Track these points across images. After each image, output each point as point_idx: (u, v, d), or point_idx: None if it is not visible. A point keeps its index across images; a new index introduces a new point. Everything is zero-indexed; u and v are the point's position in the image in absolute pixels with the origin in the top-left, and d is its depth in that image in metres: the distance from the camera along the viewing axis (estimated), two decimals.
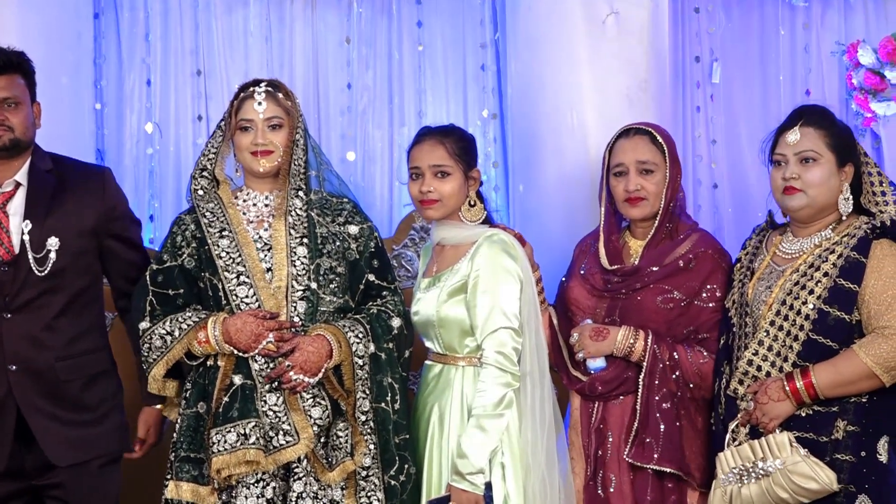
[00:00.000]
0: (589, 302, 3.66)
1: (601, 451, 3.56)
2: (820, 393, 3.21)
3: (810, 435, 3.23)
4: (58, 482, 3.53)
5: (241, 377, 3.37)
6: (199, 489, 3.36)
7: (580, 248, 3.82)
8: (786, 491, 3.18)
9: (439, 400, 3.51)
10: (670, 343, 3.52)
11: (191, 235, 3.52)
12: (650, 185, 3.58)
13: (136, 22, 4.87)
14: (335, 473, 3.35)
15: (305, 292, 3.42)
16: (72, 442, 3.51)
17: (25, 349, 3.47)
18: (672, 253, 3.59)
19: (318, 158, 3.58)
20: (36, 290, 3.47)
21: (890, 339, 3.16)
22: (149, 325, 3.45)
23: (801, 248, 3.37)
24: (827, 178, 3.31)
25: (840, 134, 3.35)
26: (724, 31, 5.03)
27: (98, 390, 3.58)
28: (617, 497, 3.51)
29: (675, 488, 3.51)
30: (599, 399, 3.59)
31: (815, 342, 3.26)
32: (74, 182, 3.58)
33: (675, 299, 3.55)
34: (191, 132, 4.91)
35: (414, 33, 4.97)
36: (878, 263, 3.23)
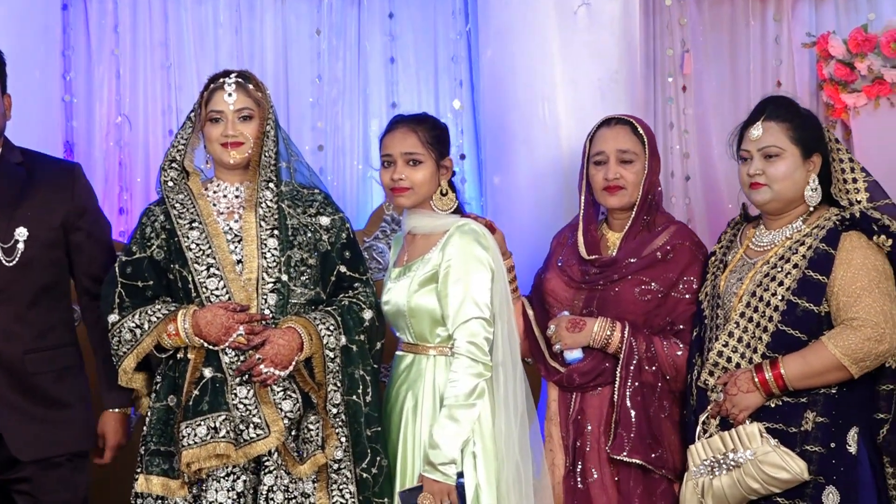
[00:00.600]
0: (566, 294, 3.66)
1: (580, 443, 3.56)
2: (789, 384, 3.22)
3: (780, 426, 3.24)
4: (24, 476, 3.51)
5: (212, 370, 3.36)
6: (170, 483, 3.34)
7: (557, 241, 3.82)
8: (757, 481, 3.19)
9: (412, 390, 3.51)
10: (647, 335, 3.52)
11: (160, 227, 3.50)
12: (629, 174, 3.58)
13: (104, 13, 4.86)
14: (306, 466, 3.34)
15: (276, 284, 3.40)
16: (37, 437, 3.49)
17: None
18: (650, 245, 3.60)
19: (289, 150, 3.56)
20: (4, 280, 3.45)
21: (858, 330, 3.17)
22: (118, 318, 3.43)
23: (773, 241, 3.38)
24: (791, 172, 3.32)
25: (804, 126, 3.35)
26: (696, 22, 5.03)
27: (66, 385, 3.56)
28: (597, 488, 3.52)
29: (660, 480, 3.52)
30: (577, 390, 3.59)
31: (785, 333, 3.27)
32: (44, 176, 3.56)
33: (653, 291, 3.55)
34: (161, 124, 4.91)
35: (385, 24, 4.98)
36: (847, 255, 3.23)
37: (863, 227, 3.26)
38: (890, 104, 4.72)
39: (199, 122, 3.52)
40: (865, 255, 3.23)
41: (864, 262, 3.22)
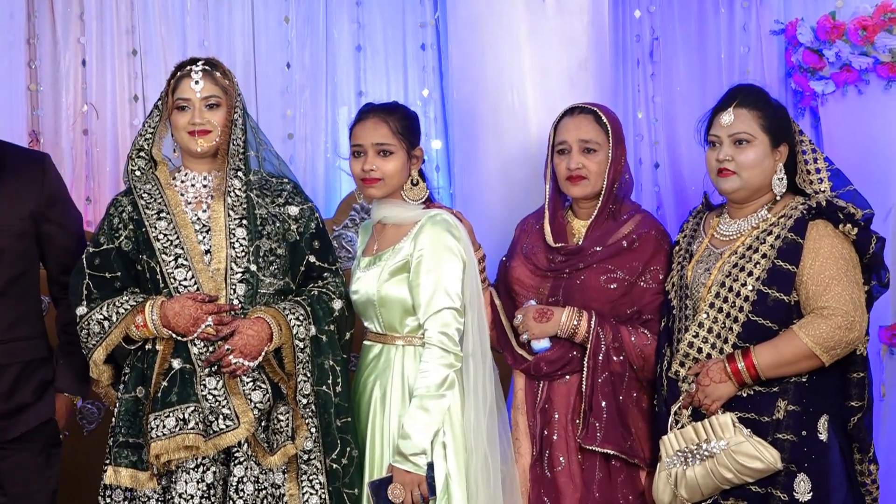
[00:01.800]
0: (532, 282, 3.66)
1: (547, 431, 3.57)
2: (761, 373, 3.24)
3: (752, 415, 3.27)
4: None
5: (180, 361, 3.35)
6: (139, 475, 3.34)
7: (521, 228, 3.82)
8: (730, 471, 3.21)
9: (380, 380, 3.51)
10: (614, 324, 3.53)
11: (128, 217, 3.48)
12: (592, 164, 3.58)
13: (70, 1, 4.81)
14: (276, 457, 3.34)
15: (245, 275, 3.39)
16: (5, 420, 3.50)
17: None
18: (615, 233, 3.61)
19: (257, 138, 3.55)
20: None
21: (829, 319, 3.19)
22: (86, 311, 3.41)
23: (739, 230, 3.40)
24: (761, 160, 3.34)
25: (774, 115, 3.37)
26: (665, 10, 5.04)
27: (33, 377, 3.57)
28: (564, 476, 3.53)
29: (622, 468, 3.53)
30: (545, 379, 3.60)
31: (755, 323, 3.29)
32: (13, 166, 3.55)
33: (619, 279, 3.56)
34: (128, 112, 4.87)
35: (353, 12, 4.97)
36: (815, 244, 3.25)
37: (829, 216, 3.28)
38: (858, 92, 4.73)
39: (167, 110, 3.50)
40: (832, 243, 3.26)
41: (831, 251, 3.25)
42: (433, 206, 3.60)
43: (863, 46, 4.64)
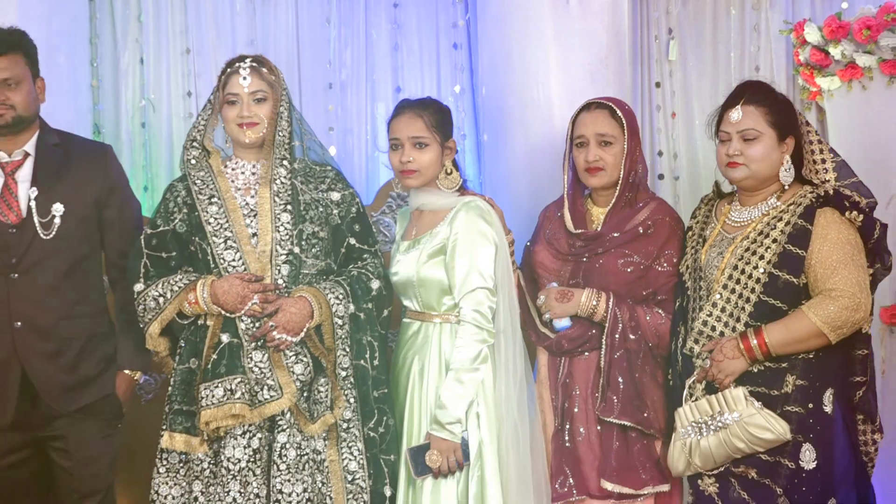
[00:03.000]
0: (554, 265, 3.64)
1: (568, 405, 3.55)
2: (772, 350, 3.22)
3: (763, 389, 3.25)
4: (59, 434, 3.55)
5: (229, 336, 3.36)
6: (191, 440, 3.36)
7: (544, 215, 3.80)
8: (742, 441, 3.20)
9: (418, 355, 3.51)
10: (630, 304, 3.51)
11: (182, 202, 3.50)
12: (608, 156, 3.56)
13: (128, 4, 4.84)
14: (317, 426, 3.35)
15: (289, 256, 3.39)
16: (70, 391, 3.53)
17: (31, 308, 3.48)
18: (632, 220, 3.58)
19: (302, 129, 3.55)
20: (41, 252, 3.47)
21: (836, 300, 3.17)
22: (143, 287, 3.43)
23: (750, 217, 3.38)
24: (768, 153, 3.31)
25: (780, 110, 3.34)
26: (680, 11, 5.01)
27: (96, 351, 3.59)
28: (584, 447, 3.51)
29: (639, 438, 3.51)
30: (566, 355, 3.58)
31: (766, 303, 3.27)
32: (79, 156, 3.58)
33: (635, 263, 3.54)
34: (181, 107, 4.88)
35: (390, 13, 4.96)
36: (823, 230, 3.23)
37: (836, 204, 3.27)
38: (862, 87, 4.69)
39: (218, 104, 3.50)
40: (839, 230, 3.23)
41: (838, 236, 3.22)
42: (467, 193, 3.60)
43: (866, 45, 4.60)
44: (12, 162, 3.51)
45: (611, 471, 3.47)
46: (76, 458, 3.55)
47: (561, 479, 3.51)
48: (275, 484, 3.34)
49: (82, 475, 3.56)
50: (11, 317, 3.47)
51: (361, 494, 3.38)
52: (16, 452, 3.57)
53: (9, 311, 3.47)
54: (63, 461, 3.56)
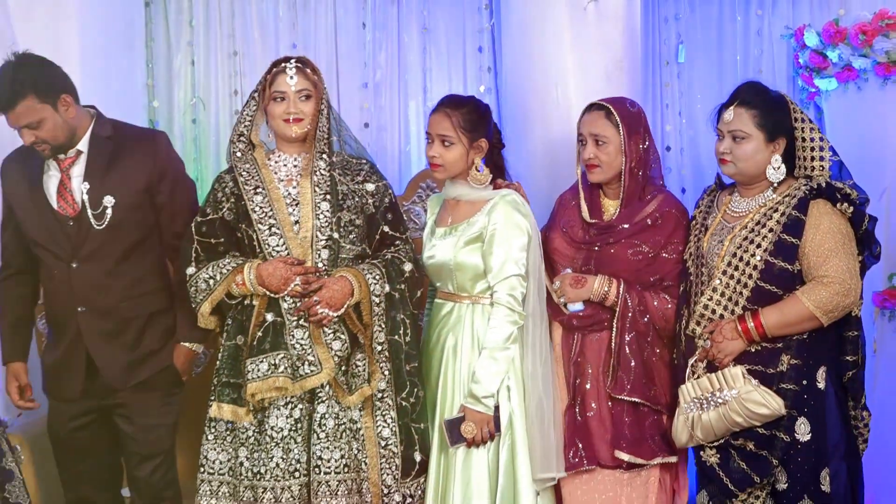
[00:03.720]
0: (568, 251, 3.64)
1: (580, 382, 3.56)
2: (768, 332, 3.22)
3: (759, 367, 3.25)
4: (122, 402, 3.59)
5: (273, 315, 3.37)
6: (238, 410, 3.38)
7: (559, 202, 3.79)
8: (740, 416, 3.21)
9: (452, 332, 3.53)
10: (639, 290, 3.50)
11: (229, 192, 3.50)
12: (603, 154, 3.53)
13: (181, 9, 4.84)
14: (354, 397, 3.37)
15: (328, 241, 3.40)
16: (128, 368, 3.54)
17: (92, 293, 3.50)
18: (641, 212, 3.57)
19: (339, 125, 3.56)
20: (97, 242, 3.48)
21: (828, 286, 3.17)
22: (194, 270, 3.45)
23: (748, 208, 3.37)
24: (753, 154, 3.29)
25: (771, 113, 3.30)
26: (689, 17, 4.99)
27: (157, 326, 3.61)
28: (595, 421, 3.52)
29: (649, 412, 3.52)
30: (577, 331, 3.58)
31: (762, 288, 3.26)
32: (130, 146, 3.56)
33: (643, 252, 3.53)
34: (229, 104, 4.88)
35: (421, 19, 4.94)
36: (816, 221, 3.22)
37: (828, 196, 3.25)
38: (857, 88, 4.66)
39: (263, 101, 3.49)
40: (831, 220, 3.22)
41: (830, 226, 3.21)
42: (501, 183, 3.60)
43: (862, 49, 4.57)
44: (66, 159, 3.50)
45: (624, 442, 3.48)
46: (138, 425, 3.59)
47: (573, 451, 3.52)
48: (314, 451, 3.36)
49: (143, 440, 3.60)
50: (75, 302, 3.50)
51: (394, 459, 3.40)
52: (83, 417, 3.61)
53: (72, 296, 3.49)
54: (126, 427, 3.60)
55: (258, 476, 3.35)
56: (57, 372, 3.58)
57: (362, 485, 3.40)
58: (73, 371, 3.54)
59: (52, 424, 3.66)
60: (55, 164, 3.50)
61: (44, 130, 3.38)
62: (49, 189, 3.50)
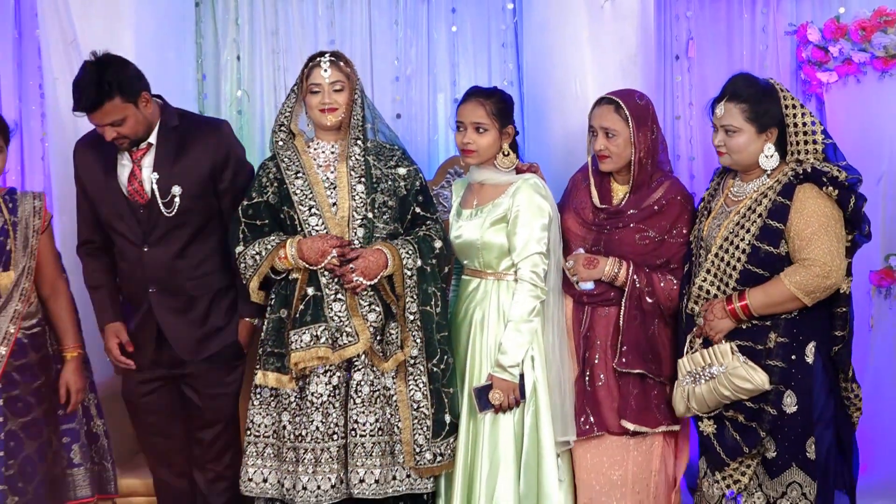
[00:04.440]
0: (580, 232, 3.61)
1: (589, 354, 3.54)
2: (753, 312, 3.19)
3: (749, 343, 3.22)
4: (190, 373, 3.61)
5: (314, 289, 3.39)
6: (282, 377, 3.39)
7: (572, 183, 3.75)
8: (728, 390, 3.19)
9: (479, 306, 3.53)
10: (647, 272, 3.48)
11: (273, 177, 3.51)
12: (612, 146, 3.49)
13: (228, 9, 4.84)
14: (389, 363, 3.39)
15: (363, 221, 3.41)
16: (198, 342, 3.57)
17: (162, 274, 3.52)
18: (648, 198, 3.53)
19: (373, 114, 3.56)
20: (165, 227, 3.50)
21: (809, 268, 3.12)
22: (242, 248, 3.47)
23: (745, 192, 3.31)
24: (746, 146, 3.23)
25: (759, 105, 3.22)
26: (699, 14, 4.94)
27: (222, 303, 3.61)
28: (603, 391, 3.50)
29: (655, 384, 3.51)
30: (587, 304, 3.56)
31: (749, 271, 3.22)
32: (195, 135, 3.56)
33: (650, 237, 3.51)
34: (271, 97, 4.87)
35: (449, 17, 4.92)
36: (801, 205, 3.15)
37: (814, 180, 3.18)
38: (856, 81, 4.63)
39: (301, 93, 3.50)
40: (816, 203, 3.15)
41: (814, 209, 3.14)
42: (522, 167, 3.60)
43: (861, 44, 4.53)
44: (138, 151, 3.51)
45: (630, 412, 3.47)
46: (203, 394, 3.62)
47: (583, 418, 3.51)
48: (351, 415, 3.38)
49: (208, 407, 3.62)
50: (146, 282, 3.52)
51: (425, 420, 3.41)
52: (152, 383, 3.64)
53: (144, 277, 3.52)
54: (192, 395, 3.63)
55: (299, 438, 3.37)
56: (130, 343, 3.60)
57: (395, 447, 3.42)
58: (144, 343, 3.57)
59: (125, 390, 3.69)
60: (127, 154, 3.52)
61: (126, 127, 3.39)
62: (121, 178, 3.52)
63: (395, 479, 3.41)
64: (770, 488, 3.24)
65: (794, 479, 3.20)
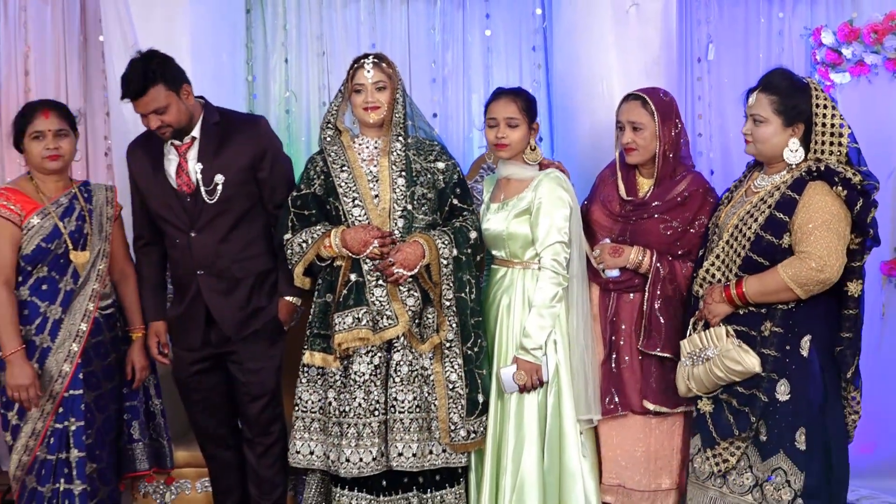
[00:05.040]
0: (606, 223, 3.60)
1: (615, 338, 3.53)
2: (749, 299, 3.13)
3: (744, 328, 3.18)
4: (234, 350, 3.63)
5: (356, 275, 3.39)
6: (327, 357, 3.41)
7: (600, 178, 3.74)
8: (721, 371, 3.15)
9: (506, 293, 3.52)
10: (669, 260, 3.46)
11: (320, 170, 3.52)
12: (639, 139, 3.48)
13: (276, 15, 4.86)
14: (426, 345, 3.39)
15: (403, 212, 3.41)
16: (242, 322, 3.59)
17: (208, 258, 3.54)
18: (672, 191, 3.51)
19: (413, 112, 3.56)
20: (210, 214, 3.52)
21: (805, 261, 3.03)
22: (290, 236, 3.49)
23: (765, 185, 3.23)
24: (770, 137, 3.16)
25: (790, 99, 3.13)
26: (718, 19, 4.92)
27: (264, 284, 3.63)
28: (628, 372, 3.49)
29: (672, 366, 3.47)
30: (613, 291, 3.55)
31: (751, 259, 3.15)
32: (235, 130, 3.59)
33: (673, 227, 3.48)
34: (317, 97, 4.89)
35: (483, 23, 4.92)
36: (808, 200, 3.07)
37: (826, 178, 3.08)
38: (868, 81, 4.59)
39: (347, 93, 3.51)
40: (824, 200, 3.06)
41: (820, 206, 3.05)
42: (546, 163, 3.59)
43: (873, 46, 4.49)
44: (183, 145, 3.54)
45: (652, 393, 3.46)
46: (247, 369, 3.63)
47: (608, 398, 3.50)
48: (391, 393, 3.38)
49: (252, 382, 3.63)
50: (195, 266, 3.54)
51: (459, 400, 3.41)
52: (201, 363, 3.67)
53: (192, 261, 3.54)
54: (237, 372, 3.64)
55: (343, 414, 3.38)
56: (180, 325, 3.64)
57: (431, 423, 3.42)
58: (194, 323, 3.60)
59: (175, 370, 3.72)
60: (174, 149, 3.55)
61: (169, 115, 3.42)
62: (169, 171, 3.55)
63: (431, 453, 3.42)
64: (759, 470, 3.16)
65: (779, 465, 3.11)
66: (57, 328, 3.47)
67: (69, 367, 3.46)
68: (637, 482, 3.48)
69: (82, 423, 3.48)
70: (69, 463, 3.47)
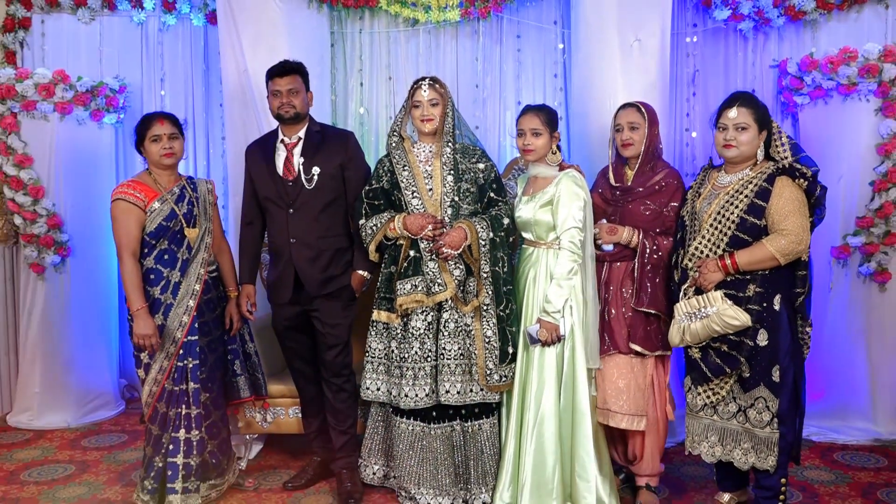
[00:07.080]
0: (601, 206, 3.59)
1: (606, 295, 3.53)
2: (740, 267, 3.15)
3: (733, 292, 3.18)
4: (316, 307, 3.64)
5: (414, 251, 3.40)
6: (391, 315, 3.43)
7: (599, 174, 3.74)
8: (719, 326, 3.15)
9: (533, 268, 3.50)
10: (653, 235, 3.46)
11: (386, 169, 3.53)
12: (635, 136, 3.49)
13: (354, 48, 4.86)
14: (468, 307, 3.39)
15: (451, 203, 3.42)
16: (321, 283, 3.60)
17: (301, 230, 3.55)
18: (651, 180, 3.50)
19: (460, 123, 3.54)
20: (306, 197, 3.54)
21: (786, 236, 3.09)
22: (364, 221, 3.50)
23: (731, 181, 3.26)
24: (751, 140, 3.20)
25: (759, 111, 3.22)
26: (703, 53, 4.83)
27: (340, 259, 3.63)
28: (616, 323, 3.49)
29: (654, 320, 3.48)
30: (607, 261, 3.55)
31: (737, 237, 3.17)
32: (330, 139, 3.62)
33: (652, 209, 3.47)
34: (384, 113, 4.89)
35: (515, 55, 4.89)
36: (780, 190, 3.13)
37: (790, 174, 3.16)
38: (825, 103, 4.46)
39: (408, 108, 3.50)
40: (791, 190, 3.13)
41: (791, 195, 3.12)
42: (565, 165, 3.56)
43: (830, 74, 4.35)
44: (291, 142, 3.57)
45: (638, 338, 3.46)
46: (325, 322, 3.64)
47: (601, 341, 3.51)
48: (441, 343, 3.39)
49: (329, 333, 3.64)
50: (289, 236, 3.56)
51: (494, 351, 3.41)
52: (292, 319, 3.68)
53: (288, 232, 3.56)
54: (318, 325, 3.65)
55: (403, 360, 3.40)
56: (275, 285, 3.66)
57: (472, 368, 3.42)
58: (286, 284, 3.62)
59: (273, 321, 3.76)
60: (283, 147, 3.59)
61: (297, 99, 3.52)
62: (277, 163, 3.59)
63: (471, 391, 3.42)
64: (742, 400, 3.22)
65: (761, 395, 3.18)
66: (177, 288, 3.50)
67: (187, 318, 3.49)
68: (620, 406, 3.48)
69: (197, 361, 3.51)
70: (188, 393, 3.51)
